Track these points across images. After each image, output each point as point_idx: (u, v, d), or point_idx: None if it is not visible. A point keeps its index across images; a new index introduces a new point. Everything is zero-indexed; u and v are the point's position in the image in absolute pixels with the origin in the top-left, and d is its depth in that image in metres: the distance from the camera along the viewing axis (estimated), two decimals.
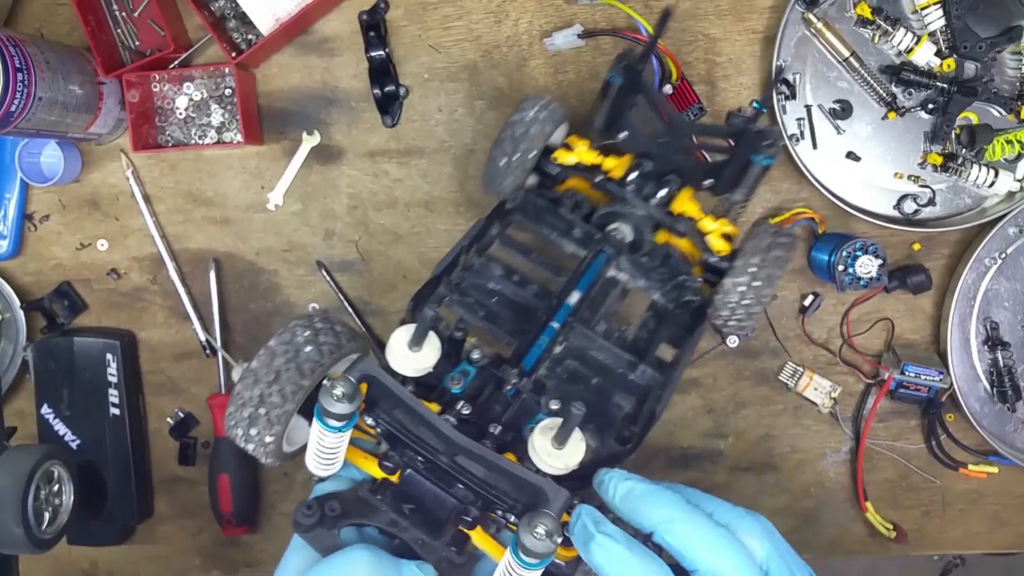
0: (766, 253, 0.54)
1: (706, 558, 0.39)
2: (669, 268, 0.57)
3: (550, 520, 0.36)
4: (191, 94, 0.71)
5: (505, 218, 0.60)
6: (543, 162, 0.60)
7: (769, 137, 0.57)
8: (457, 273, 0.56)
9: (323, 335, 0.46)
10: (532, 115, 0.58)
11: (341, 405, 0.38)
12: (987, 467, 0.74)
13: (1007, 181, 0.69)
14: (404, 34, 0.71)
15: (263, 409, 0.44)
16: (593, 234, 0.58)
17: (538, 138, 0.58)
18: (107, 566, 0.79)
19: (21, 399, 0.77)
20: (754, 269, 0.53)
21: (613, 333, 0.53)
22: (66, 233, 0.76)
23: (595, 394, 0.50)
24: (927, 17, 0.66)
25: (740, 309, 0.54)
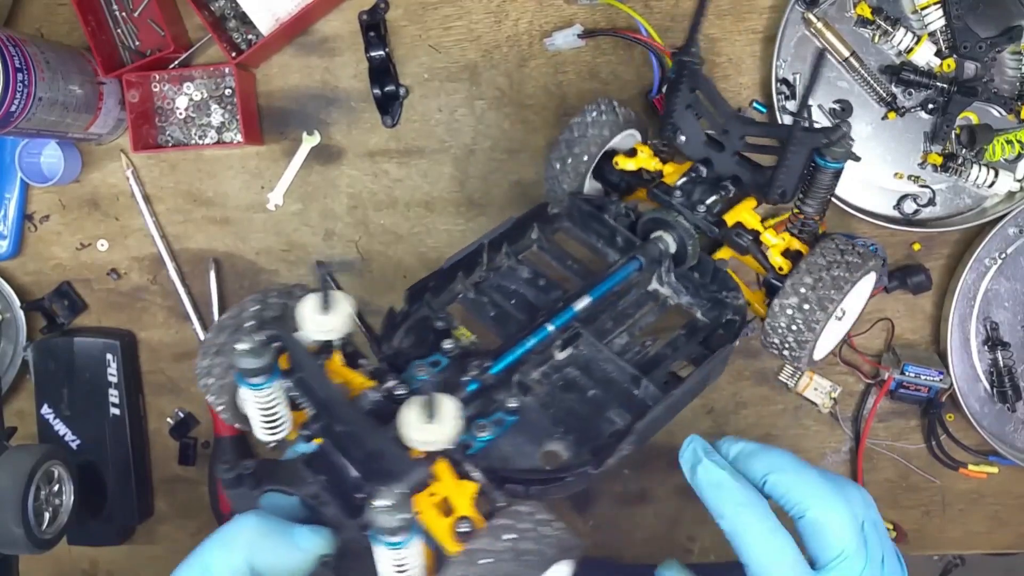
0: (823, 272, 0.49)
1: (814, 505, 0.40)
2: (717, 284, 0.53)
3: (392, 492, 0.34)
4: (191, 94, 0.71)
5: (550, 224, 0.58)
6: (606, 168, 0.58)
7: (833, 134, 0.49)
8: (481, 272, 0.55)
9: (270, 311, 0.46)
10: (591, 118, 0.56)
11: (247, 360, 0.39)
12: (987, 467, 0.74)
13: (1007, 181, 0.69)
14: (404, 34, 0.71)
15: (211, 379, 0.45)
16: (635, 242, 0.55)
17: (595, 142, 0.56)
18: (107, 566, 0.79)
19: (21, 399, 0.78)
20: (805, 290, 0.49)
21: (633, 347, 0.51)
22: (66, 233, 0.76)
23: (588, 405, 0.49)
24: (927, 17, 0.66)
25: (789, 336, 0.50)
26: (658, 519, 0.76)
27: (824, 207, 0.53)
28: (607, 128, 0.56)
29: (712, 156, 0.55)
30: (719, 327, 0.52)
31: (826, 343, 0.55)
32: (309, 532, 0.39)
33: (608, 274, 0.52)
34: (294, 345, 0.41)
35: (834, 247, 0.51)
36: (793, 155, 0.51)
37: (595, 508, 0.76)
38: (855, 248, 0.51)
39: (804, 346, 0.50)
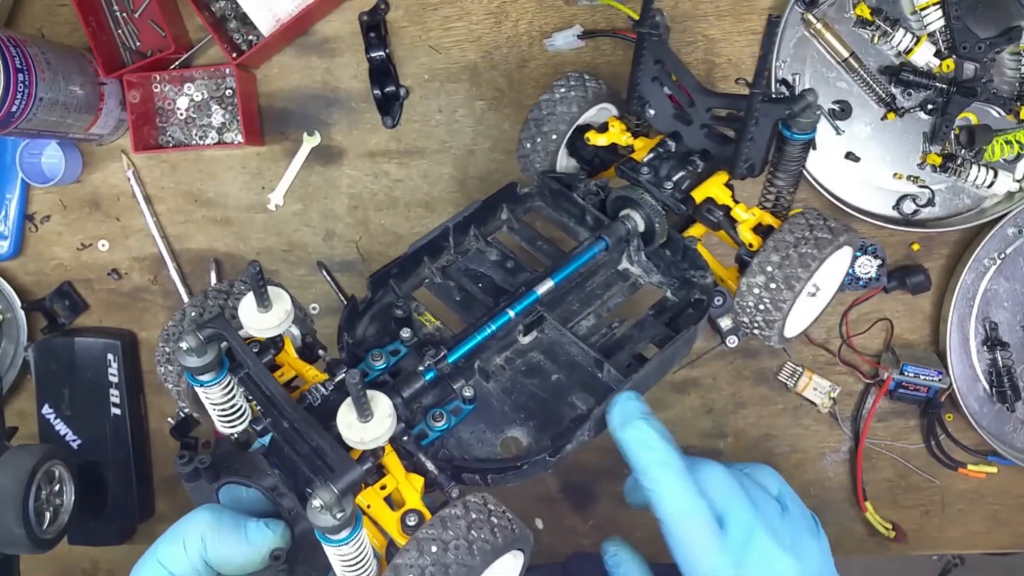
0: (790, 249, 0.47)
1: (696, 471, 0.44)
2: (688, 263, 0.51)
3: (327, 492, 0.34)
4: (192, 95, 0.71)
5: (520, 204, 0.57)
6: (578, 144, 0.57)
7: (796, 104, 0.47)
8: (448, 255, 0.54)
9: (210, 312, 0.47)
10: (559, 94, 0.55)
11: (191, 359, 0.39)
12: (986, 467, 0.74)
13: (1006, 181, 0.69)
14: (404, 35, 0.71)
15: (169, 385, 0.46)
16: (603, 221, 0.53)
17: (564, 119, 0.55)
18: (108, 566, 0.79)
19: (22, 399, 0.78)
20: (771, 268, 0.47)
21: (600, 328, 0.50)
22: (67, 233, 0.76)
23: (550, 391, 0.48)
24: (926, 18, 0.66)
25: (758, 316, 0.49)
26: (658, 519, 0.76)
27: (796, 180, 0.52)
28: (575, 104, 0.55)
29: (681, 129, 0.54)
30: (688, 306, 0.52)
31: (799, 321, 0.53)
32: (261, 526, 0.40)
33: (572, 256, 0.51)
34: (235, 342, 0.41)
35: (804, 223, 0.48)
36: (757, 127, 0.49)
37: (595, 508, 0.76)
38: (826, 223, 0.48)
39: (772, 325, 0.49)
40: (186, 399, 0.47)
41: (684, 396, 0.74)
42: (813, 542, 0.45)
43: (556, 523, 0.77)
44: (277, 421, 0.41)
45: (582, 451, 0.76)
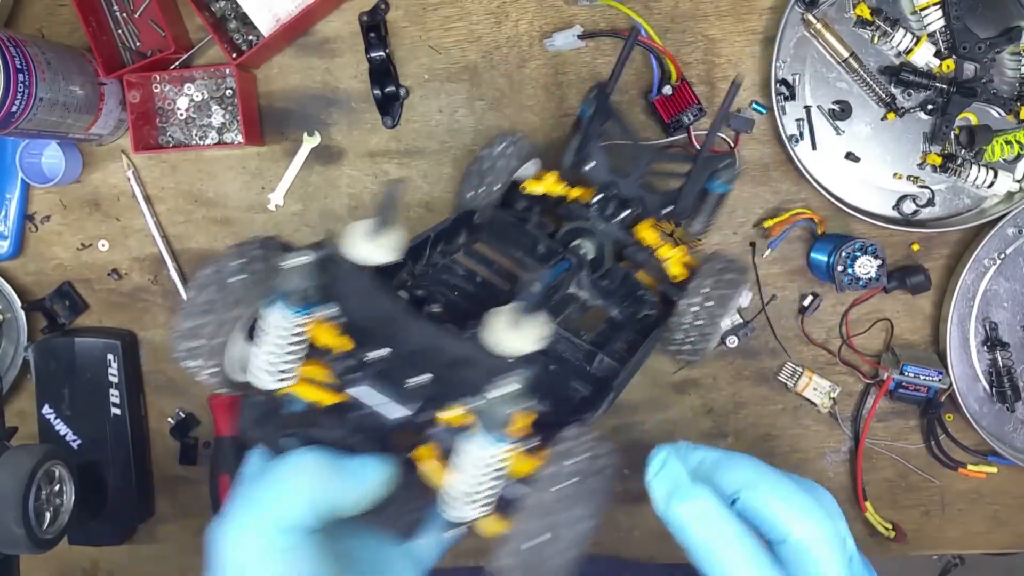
0: (719, 276, 0.56)
1: (796, 526, 0.35)
2: (627, 287, 0.59)
3: (512, 383, 0.34)
4: (192, 95, 0.72)
5: (473, 232, 0.61)
6: (512, 195, 0.63)
7: (724, 160, 0.57)
8: (420, 266, 0.57)
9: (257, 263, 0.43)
10: (499, 151, 0.61)
11: (296, 279, 0.37)
12: (986, 467, 0.74)
13: (1006, 182, 0.69)
14: (404, 35, 0.71)
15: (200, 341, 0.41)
16: (557, 250, 0.59)
17: (504, 172, 0.61)
18: (108, 566, 0.79)
19: (22, 399, 0.78)
20: (707, 290, 0.56)
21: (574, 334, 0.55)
22: (67, 233, 0.76)
23: (552, 377, 0.51)
24: (926, 18, 0.66)
25: (694, 331, 0.57)
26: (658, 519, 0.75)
27: (709, 224, 0.61)
28: (514, 159, 0.62)
29: (618, 181, 0.61)
30: (636, 322, 0.59)
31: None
32: (375, 461, 0.37)
33: (551, 265, 0.56)
34: (345, 262, 0.40)
35: (721, 258, 0.58)
36: (696, 180, 0.59)
37: None
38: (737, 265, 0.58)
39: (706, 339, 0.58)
40: (218, 375, 0.42)
41: (684, 396, 0.74)
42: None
43: None
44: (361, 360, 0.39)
45: None
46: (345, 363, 0.40)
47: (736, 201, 0.72)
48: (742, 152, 0.71)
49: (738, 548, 0.35)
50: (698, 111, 0.69)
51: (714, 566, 0.35)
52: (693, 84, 0.69)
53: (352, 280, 0.40)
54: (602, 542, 0.77)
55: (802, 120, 0.70)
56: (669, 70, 0.69)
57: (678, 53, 0.70)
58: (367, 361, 0.40)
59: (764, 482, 0.37)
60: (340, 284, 0.40)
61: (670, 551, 0.76)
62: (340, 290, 0.40)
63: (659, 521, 0.40)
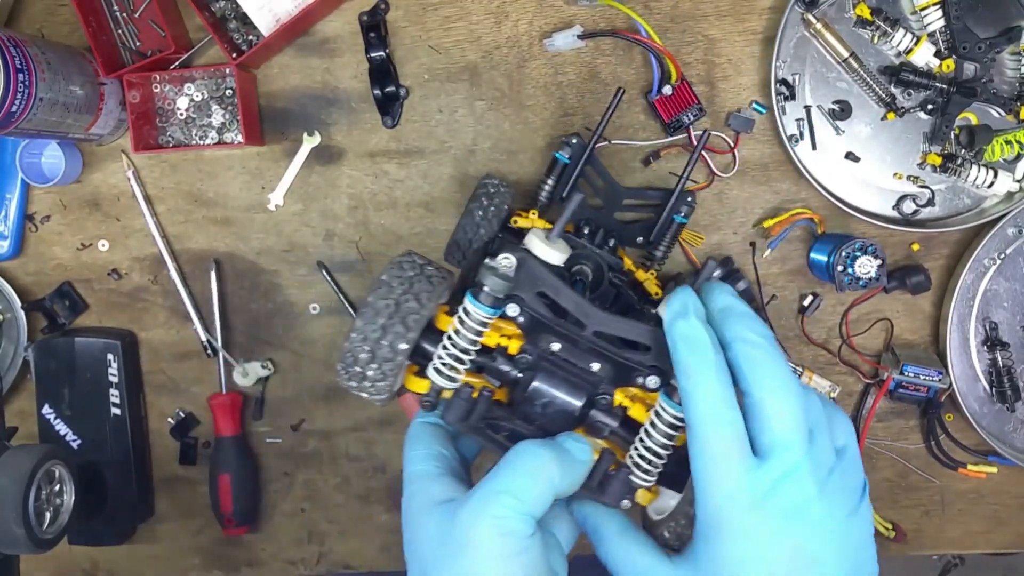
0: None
1: (766, 387, 0.39)
2: (622, 304, 0.62)
3: None
4: (192, 95, 0.71)
5: None
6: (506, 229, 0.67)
7: (688, 198, 0.65)
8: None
9: (417, 283, 0.47)
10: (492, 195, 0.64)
11: (501, 282, 0.43)
12: (986, 467, 0.74)
13: (1006, 181, 0.69)
14: (404, 35, 0.71)
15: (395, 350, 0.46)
16: (563, 274, 0.60)
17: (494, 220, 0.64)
18: (108, 566, 0.79)
19: (22, 399, 0.78)
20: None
21: None
22: (67, 233, 0.76)
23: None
24: (926, 18, 0.66)
25: None
26: None
27: (670, 250, 0.67)
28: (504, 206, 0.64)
29: (593, 216, 0.66)
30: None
31: None
32: (581, 440, 0.43)
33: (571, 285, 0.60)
34: (535, 262, 0.46)
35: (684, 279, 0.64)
36: (669, 214, 0.65)
37: None
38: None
39: None
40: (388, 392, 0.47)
41: None
42: (855, 501, 0.40)
43: None
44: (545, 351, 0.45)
45: None
46: (524, 357, 0.45)
47: (736, 201, 0.72)
48: (742, 152, 0.71)
49: (711, 375, 0.39)
50: (698, 111, 0.69)
51: (684, 381, 0.40)
52: (693, 84, 0.69)
53: (541, 277, 0.46)
54: None
55: (802, 120, 0.70)
56: (669, 70, 0.69)
57: (678, 53, 0.70)
58: (546, 352, 0.45)
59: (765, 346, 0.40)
60: (527, 282, 0.46)
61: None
62: (525, 287, 0.46)
63: None
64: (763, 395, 0.39)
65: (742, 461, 0.38)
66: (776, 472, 0.38)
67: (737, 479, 0.38)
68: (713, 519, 0.38)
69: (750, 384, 0.39)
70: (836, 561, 0.39)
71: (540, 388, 0.45)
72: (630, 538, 0.44)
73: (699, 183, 0.71)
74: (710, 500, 0.38)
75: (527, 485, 0.40)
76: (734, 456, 0.38)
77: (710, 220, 0.72)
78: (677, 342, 0.40)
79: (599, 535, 0.45)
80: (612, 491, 0.44)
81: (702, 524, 0.39)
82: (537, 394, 0.45)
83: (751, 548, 0.38)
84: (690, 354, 0.40)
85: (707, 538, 0.39)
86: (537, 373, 0.45)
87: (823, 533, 0.38)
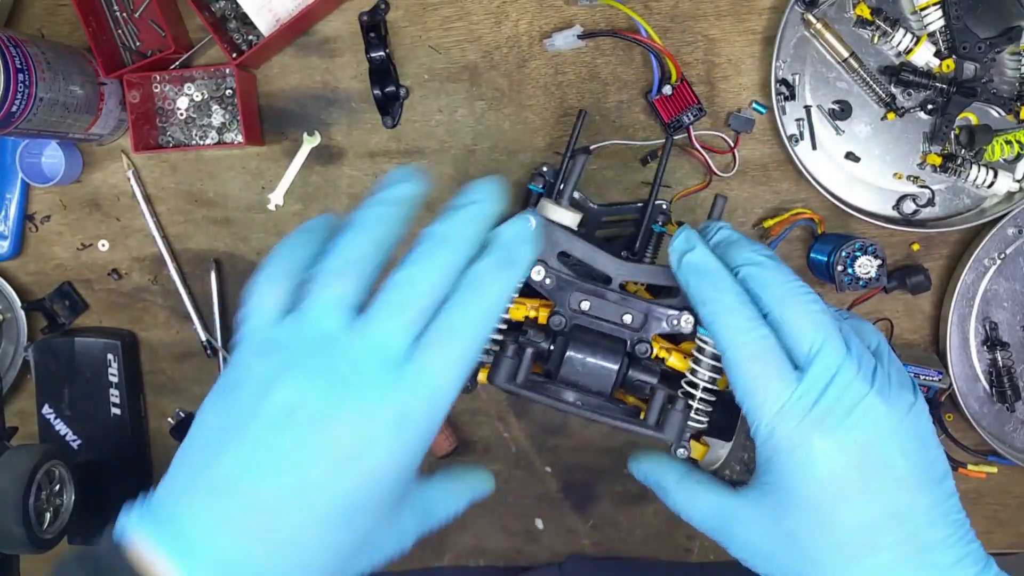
0: None
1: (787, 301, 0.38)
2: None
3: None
4: (192, 95, 0.72)
5: None
6: None
7: (662, 209, 0.66)
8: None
9: None
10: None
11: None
12: (986, 467, 0.74)
13: (1006, 181, 0.69)
14: (404, 35, 0.71)
15: None
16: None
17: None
18: None
19: (22, 399, 0.78)
20: None
21: None
22: (67, 233, 0.76)
23: None
24: (926, 18, 0.66)
25: None
26: (658, 518, 0.76)
27: (655, 258, 0.67)
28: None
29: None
30: None
31: None
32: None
33: None
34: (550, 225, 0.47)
35: None
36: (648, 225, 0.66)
37: (595, 508, 0.76)
38: None
39: None
40: None
41: None
42: (909, 396, 0.39)
43: (556, 523, 0.77)
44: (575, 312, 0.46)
45: (582, 451, 0.76)
46: (556, 319, 0.46)
47: (736, 201, 0.72)
48: (742, 152, 0.71)
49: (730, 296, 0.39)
50: (698, 111, 0.69)
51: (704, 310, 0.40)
52: (693, 84, 0.69)
53: (561, 238, 0.47)
54: (602, 543, 0.77)
55: (802, 120, 0.70)
56: (669, 70, 0.69)
57: (678, 53, 0.70)
58: (577, 313, 0.46)
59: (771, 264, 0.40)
60: (547, 245, 0.46)
61: (670, 551, 0.76)
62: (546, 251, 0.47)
63: (659, 523, 0.42)
64: (783, 309, 0.38)
65: (783, 376, 0.37)
66: (822, 378, 0.37)
67: (783, 394, 0.37)
68: (770, 443, 0.37)
69: (768, 302, 0.39)
70: (907, 462, 0.37)
71: (576, 351, 0.45)
72: (692, 481, 0.43)
73: (692, 186, 0.71)
74: (762, 423, 0.37)
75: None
76: (773, 372, 0.37)
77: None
78: (688, 276, 0.41)
79: (662, 487, 0.45)
80: (671, 425, 0.44)
81: (761, 452, 0.38)
82: (574, 358, 0.45)
83: (815, 463, 0.37)
84: (702, 282, 0.40)
85: (769, 464, 0.38)
86: (570, 341, 0.45)
87: (886, 433, 0.37)
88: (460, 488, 0.43)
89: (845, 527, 0.37)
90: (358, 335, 0.34)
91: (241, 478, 0.33)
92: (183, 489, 0.37)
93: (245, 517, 0.33)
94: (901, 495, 0.37)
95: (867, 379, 0.37)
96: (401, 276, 0.35)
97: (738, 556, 0.41)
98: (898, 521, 0.37)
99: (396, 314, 0.34)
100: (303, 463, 0.32)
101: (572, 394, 0.46)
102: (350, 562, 0.35)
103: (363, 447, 0.32)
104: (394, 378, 0.33)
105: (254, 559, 0.33)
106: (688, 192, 0.71)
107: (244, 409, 0.34)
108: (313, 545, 0.33)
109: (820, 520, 0.37)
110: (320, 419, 0.32)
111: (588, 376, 0.45)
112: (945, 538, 0.38)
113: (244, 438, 0.33)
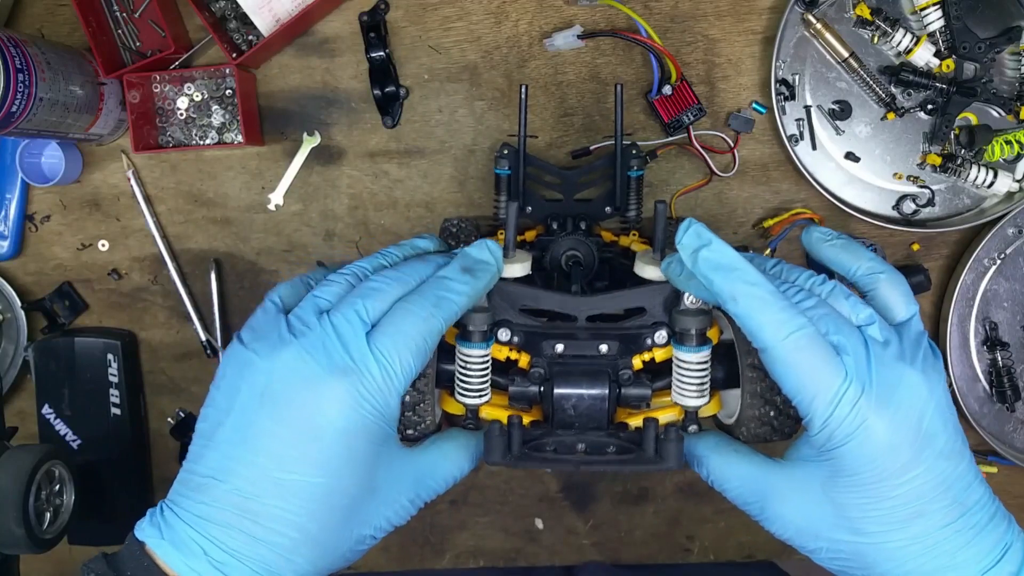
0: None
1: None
2: (618, 273, 0.63)
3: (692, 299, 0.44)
4: (192, 95, 0.72)
5: None
6: None
7: (634, 150, 0.65)
8: None
9: None
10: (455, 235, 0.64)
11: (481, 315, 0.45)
12: (986, 467, 0.74)
13: (1006, 181, 0.69)
14: (404, 35, 0.71)
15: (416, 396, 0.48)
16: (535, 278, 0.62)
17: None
18: None
19: (22, 399, 0.78)
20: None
21: None
22: (67, 233, 0.76)
23: None
24: (926, 18, 0.66)
25: None
26: (658, 518, 0.76)
27: (640, 206, 0.66)
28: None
29: (556, 210, 0.66)
30: None
31: None
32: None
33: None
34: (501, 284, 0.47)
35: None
36: (622, 173, 0.64)
37: (595, 508, 0.76)
38: None
39: None
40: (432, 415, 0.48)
41: None
42: (939, 364, 0.41)
43: (556, 523, 0.77)
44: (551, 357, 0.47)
45: None
46: (536, 372, 0.47)
47: (736, 201, 0.72)
48: (741, 152, 0.71)
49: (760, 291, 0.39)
50: (698, 111, 0.69)
51: (738, 309, 0.39)
52: (693, 84, 0.69)
53: (515, 293, 0.48)
54: (602, 544, 0.77)
55: (802, 120, 0.70)
56: (669, 70, 0.69)
57: (678, 53, 0.70)
58: (554, 357, 0.47)
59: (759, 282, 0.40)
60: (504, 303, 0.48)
61: (670, 551, 0.76)
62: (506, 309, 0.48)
63: (659, 523, 0.42)
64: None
65: (831, 362, 0.38)
66: (869, 360, 0.38)
67: (835, 383, 0.38)
68: (826, 430, 0.38)
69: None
70: (945, 430, 0.39)
71: (563, 393, 0.46)
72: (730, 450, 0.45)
73: (691, 184, 0.72)
74: (817, 414, 0.38)
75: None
76: (821, 363, 0.38)
77: (710, 220, 0.72)
78: (710, 273, 0.39)
79: (695, 455, 0.46)
80: (669, 454, 0.44)
81: (816, 439, 0.39)
82: (563, 399, 0.46)
83: (874, 442, 0.38)
84: (729, 278, 0.39)
85: (826, 446, 0.39)
86: (554, 380, 0.46)
87: (928, 404, 0.39)
88: (452, 451, 0.45)
89: (899, 499, 0.38)
90: (323, 324, 0.41)
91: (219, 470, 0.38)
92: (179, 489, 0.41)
93: (224, 510, 0.37)
94: (946, 463, 0.39)
95: (904, 355, 0.39)
96: (365, 284, 0.43)
97: (770, 527, 0.42)
98: (944, 488, 0.39)
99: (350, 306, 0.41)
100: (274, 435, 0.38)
101: (572, 436, 0.46)
102: (339, 536, 0.39)
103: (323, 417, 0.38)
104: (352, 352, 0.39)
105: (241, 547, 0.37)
106: (688, 190, 0.71)
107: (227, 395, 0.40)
108: (296, 526, 0.37)
109: (876, 494, 0.39)
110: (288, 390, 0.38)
111: (581, 414, 0.46)
112: (979, 498, 0.40)
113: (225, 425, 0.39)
